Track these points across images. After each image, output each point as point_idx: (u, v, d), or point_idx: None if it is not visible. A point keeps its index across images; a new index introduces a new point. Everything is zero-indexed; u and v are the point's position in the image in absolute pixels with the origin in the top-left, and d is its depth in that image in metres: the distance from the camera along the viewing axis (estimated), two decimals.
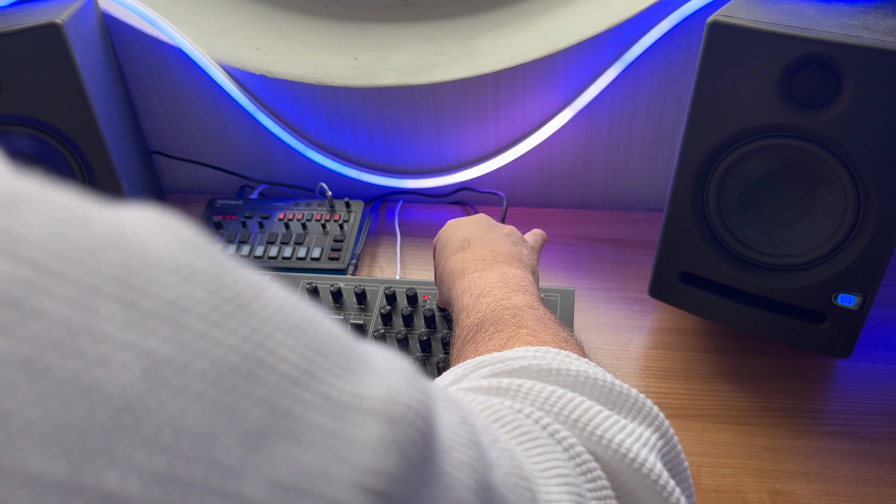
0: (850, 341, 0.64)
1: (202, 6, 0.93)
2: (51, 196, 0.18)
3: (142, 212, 0.20)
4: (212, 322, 0.18)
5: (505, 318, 0.49)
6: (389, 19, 0.94)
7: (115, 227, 0.18)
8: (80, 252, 0.17)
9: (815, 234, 0.62)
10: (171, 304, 0.18)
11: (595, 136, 0.90)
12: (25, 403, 0.15)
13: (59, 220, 0.17)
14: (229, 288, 0.20)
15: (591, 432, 0.33)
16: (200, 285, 0.19)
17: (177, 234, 0.20)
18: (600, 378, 0.36)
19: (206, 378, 0.17)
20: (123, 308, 0.17)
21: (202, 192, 1.02)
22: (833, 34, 0.55)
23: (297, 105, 0.91)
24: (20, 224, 0.16)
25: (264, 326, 0.20)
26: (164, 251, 0.19)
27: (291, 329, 0.20)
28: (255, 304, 0.20)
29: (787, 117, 0.58)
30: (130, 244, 0.18)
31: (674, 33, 0.81)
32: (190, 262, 0.19)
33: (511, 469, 0.28)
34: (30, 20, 0.70)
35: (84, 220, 0.18)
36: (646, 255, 0.85)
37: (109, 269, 0.17)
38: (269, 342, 0.19)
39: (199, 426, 0.17)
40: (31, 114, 0.71)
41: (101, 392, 0.16)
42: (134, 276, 0.18)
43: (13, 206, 0.17)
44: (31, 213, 0.17)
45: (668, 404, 0.68)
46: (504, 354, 0.39)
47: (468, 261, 0.61)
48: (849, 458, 0.63)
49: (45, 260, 0.16)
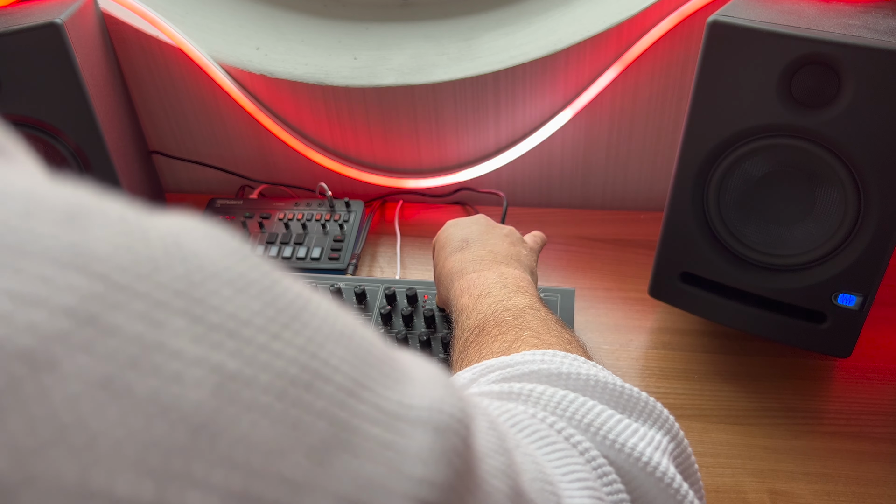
0: (850, 341, 0.64)
1: (202, 6, 0.93)
2: (107, 207, 0.18)
3: (186, 220, 0.20)
4: (271, 334, 0.18)
5: (507, 319, 0.49)
6: (389, 19, 0.94)
7: (171, 238, 0.18)
8: (145, 265, 0.17)
9: (815, 234, 0.62)
10: (233, 316, 0.18)
11: (595, 136, 0.90)
12: (111, 424, 0.15)
13: (121, 233, 0.17)
14: (281, 298, 0.20)
15: (605, 436, 0.33)
16: (255, 296, 0.19)
17: (224, 244, 0.20)
18: (610, 381, 0.36)
19: (272, 391, 0.17)
20: (191, 322, 0.17)
21: (202, 191, 1.02)
22: (833, 34, 0.55)
23: (297, 105, 0.91)
24: (86, 238, 0.16)
25: (317, 336, 0.20)
26: (217, 262, 0.19)
27: (340, 338, 0.21)
28: (305, 313, 0.20)
29: (787, 117, 0.58)
30: (188, 256, 0.18)
31: (674, 33, 0.81)
32: (242, 272, 0.19)
33: (536, 474, 0.28)
34: (29, 20, 0.70)
35: (143, 232, 0.18)
36: (646, 255, 0.85)
37: (174, 282, 0.17)
38: (323, 353, 0.20)
39: (269, 442, 0.17)
40: (30, 113, 0.71)
41: (179, 410, 0.16)
42: (196, 288, 0.18)
43: (76, 220, 0.17)
44: (93, 225, 0.17)
45: (668, 404, 0.68)
46: (512, 358, 0.39)
47: (466, 261, 0.61)
48: (849, 458, 0.63)
49: (115, 274, 0.16)
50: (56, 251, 0.16)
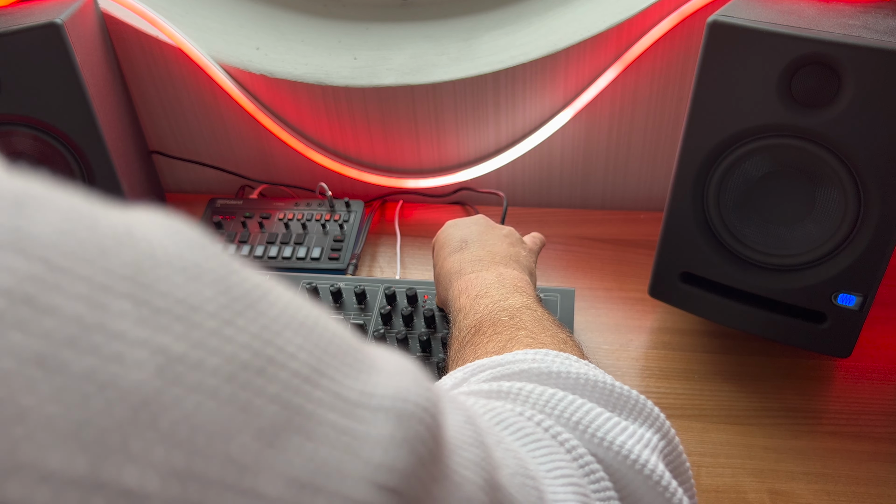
0: (849, 341, 0.64)
1: (202, 6, 0.93)
2: (57, 196, 0.18)
3: (146, 213, 0.20)
4: (222, 320, 0.18)
5: (503, 319, 0.49)
6: (389, 19, 0.94)
7: (123, 227, 0.18)
8: (90, 250, 0.17)
9: (815, 234, 0.62)
10: (182, 301, 0.18)
11: (595, 136, 0.90)
12: (43, 400, 0.15)
13: (68, 219, 0.17)
14: (237, 287, 0.20)
15: (593, 434, 0.33)
16: (209, 284, 0.19)
17: (183, 235, 0.20)
18: (600, 380, 0.36)
19: (220, 374, 0.17)
20: (135, 305, 0.17)
21: (202, 191, 1.02)
22: (833, 34, 0.55)
23: (297, 105, 0.91)
24: (30, 223, 0.16)
25: (273, 325, 0.20)
26: (171, 251, 0.19)
27: (299, 328, 0.21)
28: (262, 303, 0.20)
29: (787, 117, 0.58)
30: (139, 244, 0.18)
31: (674, 33, 0.81)
32: (197, 261, 0.19)
33: (517, 469, 0.28)
34: (30, 20, 0.70)
35: (92, 219, 0.18)
36: (646, 255, 0.85)
37: (120, 267, 0.17)
38: (279, 340, 0.20)
39: (215, 422, 0.17)
40: (30, 113, 0.71)
41: (117, 388, 0.16)
42: (144, 274, 0.18)
43: (22, 206, 0.17)
44: (39, 212, 0.17)
45: (668, 404, 0.68)
46: (504, 358, 0.39)
47: (465, 261, 0.61)
48: (849, 458, 0.63)
49: (57, 258, 0.16)
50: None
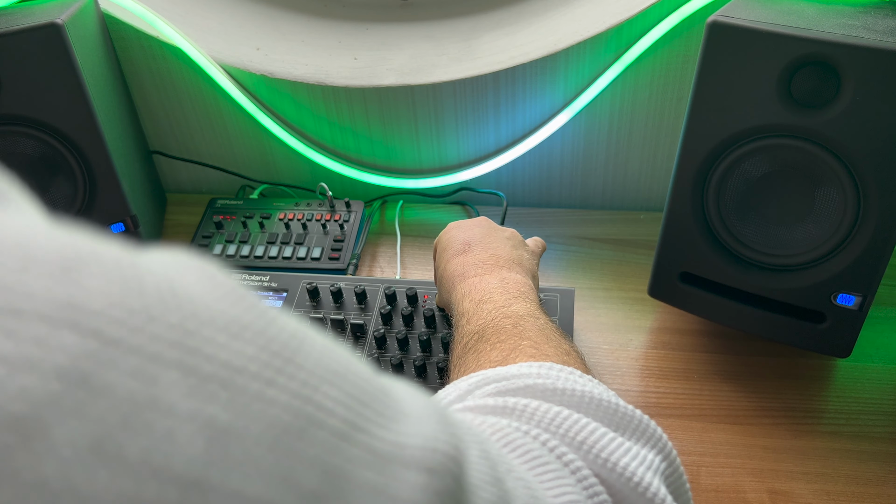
0: (849, 341, 0.64)
1: (202, 6, 0.93)
2: (102, 253, 0.18)
3: (179, 259, 0.21)
4: (264, 380, 0.19)
5: (506, 327, 0.49)
6: (389, 19, 0.94)
7: (166, 285, 0.19)
8: (139, 317, 0.17)
9: (815, 234, 0.62)
10: (227, 364, 0.18)
11: (595, 136, 0.90)
12: (101, 488, 0.15)
13: (116, 281, 0.17)
14: (275, 340, 0.20)
15: (597, 455, 0.33)
16: (250, 340, 0.19)
17: (219, 285, 0.20)
18: (605, 399, 0.36)
19: (263, 443, 0.18)
20: (184, 375, 0.17)
21: (202, 192, 1.02)
22: (833, 34, 0.55)
23: (298, 105, 0.91)
24: (80, 292, 0.17)
25: (311, 379, 0.20)
26: (213, 307, 0.19)
27: (334, 378, 0.21)
28: (299, 355, 0.20)
29: (786, 117, 0.58)
30: (183, 302, 0.18)
31: (674, 33, 0.81)
32: (237, 316, 0.20)
33: (528, 500, 0.28)
34: (30, 20, 0.70)
35: (138, 279, 0.18)
36: (645, 255, 0.85)
37: (168, 332, 0.18)
38: (317, 396, 0.20)
39: (260, 496, 0.17)
40: (31, 114, 0.71)
41: (170, 470, 0.16)
42: (191, 337, 0.18)
43: (69, 272, 0.17)
44: (87, 277, 0.17)
45: (667, 404, 0.69)
46: (508, 370, 0.39)
47: (468, 264, 0.61)
48: (848, 458, 0.63)
49: (108, 328, 0.16)
50: (49, 308, 0.16)
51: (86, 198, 0.76)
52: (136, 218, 0.79)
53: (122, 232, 0.79)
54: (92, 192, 0.76)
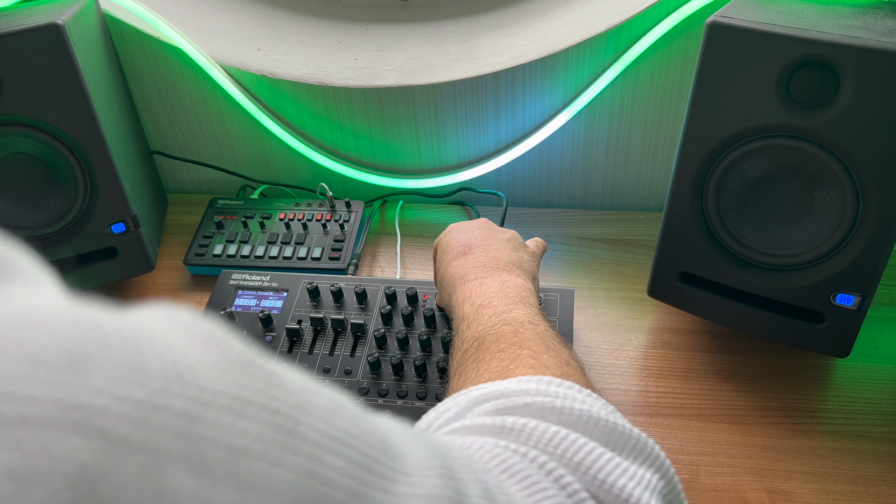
0: (848, 341, 0.64)
1: (203, 7, 0.93)
2: (105, 339, 0.18)
3: (182, 322, 0.21)
4: (269, 460, 0.19)
5: (506, 335, 0.49)
6: (389, 20, 0.95)
7: (171, 364, 0.19)
8: (144, 408, 0.17)
9: (814, 234, 0.62)
10: (231, 448, 0.18)
11: (594, 137, 0.91)
12: None
13: (120, 372, 0.18)
14: (279, 413, 0.20)
15: (594, 476, 0.33)
16: (253, 417, 0.19)
17: (223, 353, 0.20)
18: (602, 418, 0.36)
19: None
20: (190, 466, 0.17)
21: (203, 192, 1.02)
22: (832, 35, 0.55)
23: (298, 105, 0.91)
24: (84, 389, 0.17)
25: (315, 450, 0.20)
26: (216, 382, 0.19)
27: (337, 446, 0.21)
28: (302, 425, 0.21)
29: (785, 118, 0.58)
30: (187, 385, 0.19)
31: (673, 33, 0.81)
32: (240, 391, 0.20)
33: None
34: (31, 21, 0.70)
35: (142, 365, 0.18)
36: (645, 255, 0.85)
37: (173, 420, 0.18)
38: (321, 468, 0.20)
39: None
40: (32, 114, 0.72)
41: None
42: (195, 423, 0.18)
43: (74, 368, 0.17)
44: (92, 370, 0.17)
45: (667, 404, 0.69)
46: (508, 386, 0.39)
47: (469, 267, 0.61)
48: (847, 458, 0.63)
49: (115, 426, 0.17)
50: (54, 412, 0.16)
51: (86, 198, 0.77)
52: (136, 218, 0.80)
53: (123, 232, 0.79)
54: (93, 193, 0.76)
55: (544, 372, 0.43)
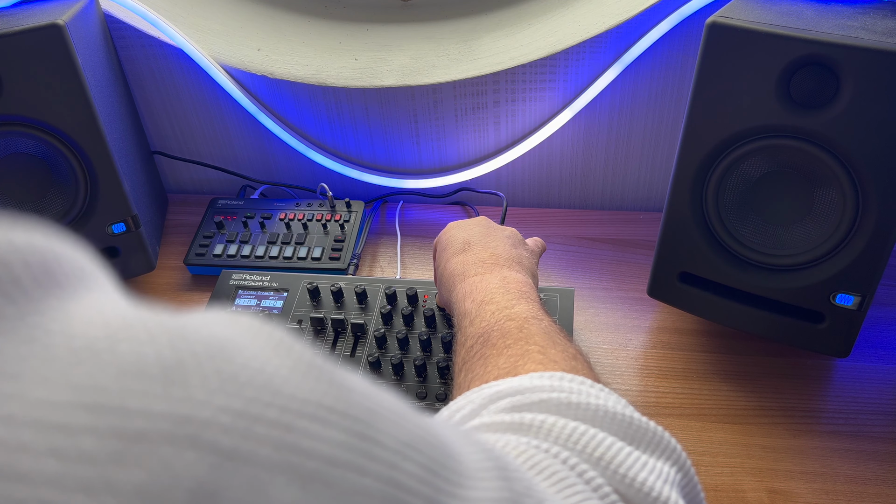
0: (848, 341, 0.64)
1: (203, 7, 0.93)
2: (195, 349, 0.18)
3: (241, 325, 0.21)
4: (356, 469, 0.19)
5: (511, 330, 0.49)
6: (390, 20, 0.95)
7: (257, 371, 0.19)
8: (244, 420, 0.17)
9: (814, 234, 0.62)
10: (323, 457, 0.18)
11: (594, 137, 0.91)
12: None
13: (215, 382, 0.18)
14: (357, 420, 0.20)
15: (615, 471, 0.33)
16: (336, 424, 0.19)
17: (297, 360, 0.20)
18: (619, 412, 0.36)
19: None
20: (290, 479, 0.17)
21: (203, 192, 1.02)
22: (831, 35, 0.55)
23: (298, 105, 0.91)
24: (188, 400, 0.17)
25: (393, 457, 0.20)
26: (299, 390, 0.19)
27: (409, 451, 0.21)
28: (377, 431, 0.21)
29: (785, 118, 0.58)
30: (276, 394, 0.19)
31: (673, 34, 0.81)
32: (321, 397, 0.20)
33: None
34: (31, 21, 0.70)
35: (233, 374, 0.18)
36: (645, 255, 0.85)
37: (270, 431, 0.18)
38: (401, 476, 0.20)
39: None
40: (32, 114, 0.72)
41: None
42: (289, 433, 0.18)
43: (175, 377, 0.17)
44: (190, 381, 0.17)
45: (667, 404, 0.69)
46: (521, 383, 0.39)
47: (468, 263, 0.61)
48: (847, 458, 0.63)
49: (222, 440, 0.17)
50: (168, 426, 0.16)
51: (87, 198, 0.77)
52: (137, 218, 0.80)
53: (123, 232, 0.79)
54: (93, 193, 0.77)
55: (553, 367, 0.43)
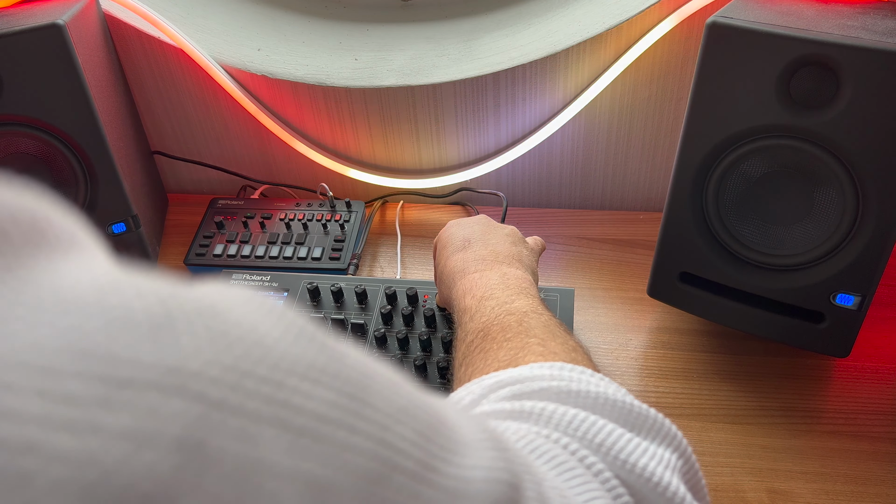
0: (848, 341, 0.64)
1: (203, 7, 0.93)
2: (183, 305, 0.18)
3: (242, 294, 0.21)
4: (347, 428, 0.19)
5: (511, 324, 0.49)
6: (390, 20, 0.95)
7: (248, 330, 0.19)
8: (234, 373, 0.18)
9: (814, 234, 0.62)
10: (314, 414, 0.18)
11: (594, 137, 0.91)
12: None
13: (204, 336, 0.18)
14: (349, 381, 0.20)
15: (616, 457, 0.33)
16: (328, 385, 0.20)
17: (288, 324, 0.20)
18: (619, 399, 0.36)
19: (357, 495, 0.18)
20: (280, 431, 0.17)
21: (203, 192, 1.02)
22: (831, 35, 0.55)
23: (298, 105, 0.91)
24: (176, 352, 0.17)
25: (385, 420, 0.21)
26: (290, 351, 0.20)
27: (403, 415, 0.21)
28: (371, 394, 0.21)
29: (785, 118, 0.58)
30: (267, 351, 0.19)
31: (673, 34, 0.81)
32: (313, 359, 0.20)
33: None
34: (31, 21, 0.71)
35: (223, 330, 0.18)
36: (645, 255, 0.85)
37: (261, 386, 0.18)
38: (393, 438, 0.20)
39: None
40: (32, 114, 0.72)
41: None
42: (280, 389, 0.18)
43: (161, 331, 0.17)
44: (179, 334, 0.17)
45: (667, 404, 0.69)
46: (521, 372, 0.39)
47: (468, 260, 0.61)
48: (847, 458, 0.63)
49: (211, 390, 0.17)
50: (156, 375, 0.16)
51: (87, 198, 0.77)
52: (137, 218, 0.80)
53: (123, 232, 0.79)
54: (93, 193, 0.77)
55: (553, 358, 0.43)
